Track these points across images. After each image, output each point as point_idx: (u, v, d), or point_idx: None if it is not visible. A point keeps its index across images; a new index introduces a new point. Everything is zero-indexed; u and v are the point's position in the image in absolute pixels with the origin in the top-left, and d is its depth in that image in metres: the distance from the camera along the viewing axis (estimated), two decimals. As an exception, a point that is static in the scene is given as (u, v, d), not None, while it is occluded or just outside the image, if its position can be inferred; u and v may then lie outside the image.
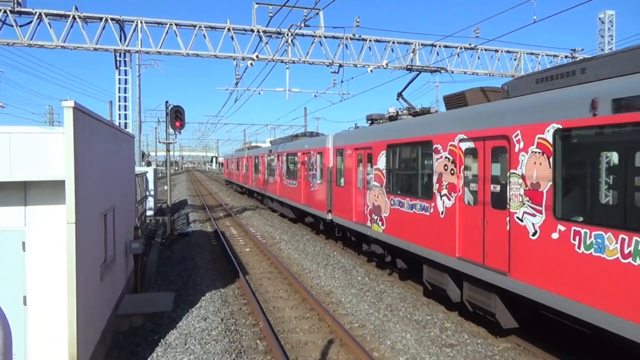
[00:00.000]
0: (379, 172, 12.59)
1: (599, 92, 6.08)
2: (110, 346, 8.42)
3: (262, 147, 35.60)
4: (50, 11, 19.89)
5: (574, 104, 6.42)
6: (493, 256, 7.92)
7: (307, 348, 8.38)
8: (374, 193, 12.87)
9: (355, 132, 15.10)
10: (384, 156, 12.34)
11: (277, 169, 24.92)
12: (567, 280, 6.42)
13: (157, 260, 15.34)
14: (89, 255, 6.89)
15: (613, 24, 27.31)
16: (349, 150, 14.84)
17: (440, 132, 9.71)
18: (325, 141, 17.29)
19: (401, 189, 11.68)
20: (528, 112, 7.26)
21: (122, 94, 22.79)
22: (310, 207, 18.89)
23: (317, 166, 17.96)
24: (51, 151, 6.06)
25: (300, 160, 20.53)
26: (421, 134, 10.52)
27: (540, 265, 6.86)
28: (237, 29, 22.08)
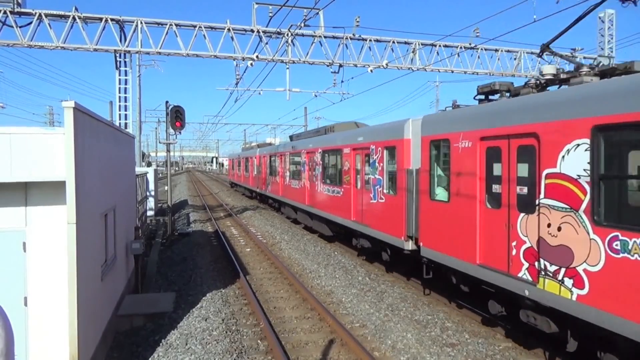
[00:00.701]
0: (564, 180, 6.62)
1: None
2: (111, 346, 8.42)
3: (278, 144, 31.32)
4: (50, 12, 19.89)
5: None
6: None
7: (308, 348, 8.38)
8: (546, 219, 6.96)
9: (487, 108, 8.47)
10: (582, 150, 6.35)
11: (306, 171, 19.94)
12: None
13: (157, 260, 15.34)
14: (90, 255, 6.89)
15: (613, 23, 27.28)
16: (468, 140, 8.75)
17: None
18: (400, 129, 11.63)
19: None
20: None
21: (122, 94, 22.79)
22: (368, 227, 13.36)
23: (384, 167, 12.41)
24: (52, 152, 6.06)
25: (347, 160, 15.14)
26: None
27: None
28: (237, 29, 22.08)
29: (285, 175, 23.78)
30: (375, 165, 12.91)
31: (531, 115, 7.21)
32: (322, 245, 17.90)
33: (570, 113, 6.52)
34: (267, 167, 28.39)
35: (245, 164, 38.26)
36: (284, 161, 24.06)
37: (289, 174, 23.06)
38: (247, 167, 37.04)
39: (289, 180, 22.89)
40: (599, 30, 27.60)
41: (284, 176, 23.95)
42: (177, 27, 21.38)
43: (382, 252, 13.00)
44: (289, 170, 22.95)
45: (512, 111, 7.68)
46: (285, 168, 23.70)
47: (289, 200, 23.14)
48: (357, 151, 14.44)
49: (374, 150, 13.00)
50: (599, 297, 6.06)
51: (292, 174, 22.51)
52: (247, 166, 37.48)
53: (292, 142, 23.29)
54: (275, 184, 25.99)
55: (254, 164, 33.30)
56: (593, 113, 6.16)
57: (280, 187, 24.89)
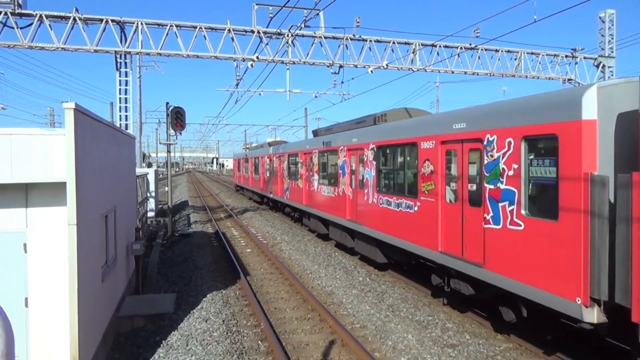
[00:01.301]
0: None
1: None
2: (111, 347, 8.42)
3: (299, 141, 25.21)
4: (50, 13, 19.90)
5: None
6: None
7: (309, 349, 8.38)
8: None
9: None
10: None
11: (347, 175, 15.25)
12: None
13: (158, 261, 15.35)
14: (90, 256, 6.89)
15: (614, 23, 27.27)
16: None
17: None
18: (571, 104, 6.71)
19: None
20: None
21: (123, 95, 22.79)
22: (488, 270, 8.31)
23: (522, 171, 7.60)
24: (52, 153, 6.07)
25: (428, 159, 10.24)
26: None
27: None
28: (238, 30, 22.08)
29: (311, 179, 19.34)
30: (498, 167, 8.04)
31: None
32: (323, 246, 17.89)
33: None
34: (284, 168, 23.78)
35: (255, 165, 33.34)
36: (310, 161, 19.51)
37: (317, 177, 18.58)
38: (257, 168, 32.26)
39: (317, 185, 18.39)
40: (600, 30, 27.59)
41: (310, 180, 19.50)
42: (177, 28, 21.39)
43: (505, 308, 8.27)
44: (317, 172, 18.55)
45: None
46: (312, 170, 19.24)
47: (316, 211, 18.49)
48: (450, 146, 9.52)
49: (496, 143, 8.08)
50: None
51: (322, 178, 18.16)
52: (256, 167, 32.62)
53: (321, 137, 18.58)
54: (297, 189, 21.43)
55: (266, 165, 28.77)
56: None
57: (303, 193, 20.41)
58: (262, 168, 30.39)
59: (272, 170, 27.00)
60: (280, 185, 24.87)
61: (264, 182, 29.47)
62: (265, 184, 29.34)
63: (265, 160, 28.99)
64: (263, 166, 29.96)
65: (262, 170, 30.38)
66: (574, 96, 6.70)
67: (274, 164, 26.46)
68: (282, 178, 24.46)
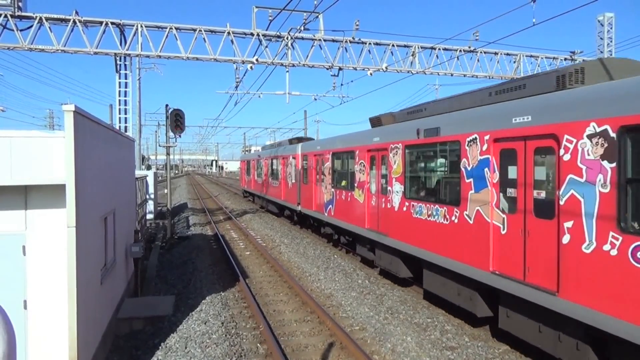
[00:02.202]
0: None
1: None
2: (110, 350, 8.41)
3: (356, 133, 15.42)
4: (50, 15, 19.93)
5: None
6: None
7: (308, 351, 8.38)
8: None
9: None
10: None
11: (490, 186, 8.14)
12: None
13: (157, 263, 15.34)
14: (90, 258, 6.89)
15: (612, 26, 27.36)
16: None
17: None
18: None
19: None
20: None
21: (122, 97, 22.81)
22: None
23: None
24: (52, 155, 6.07)
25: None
26: None
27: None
28: (237, 33, 22.12)
29: (387, 189, 12.08)
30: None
31: None
32: (322, 248, 17.90)
33: None
34: (327, 172, 16.91)
35: (272, 167, 26.95)
36: (390, 161, 11.94)
37: (405, 188, 11.21)
38: (276, 171, 25.97)
39: (405, 202, 11.13)
40: (598, 33, 27.67)
41: (384, 192, 12.31)
42: (177, 31, 21.43)
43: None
44: (403, 181, 11.30)
45: None
46: (392, 176, 11.80)
47: (402, 245, 11.23)
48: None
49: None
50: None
51: (420, 191, 11.05)
52: (274, 170, 26.37)
53: (408, 122, 11.29)
54: (351, 204, 14.42)
55: (290, 168, 22.58)
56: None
57: (366, 210, 13.38)
58: (284, 171, 24.12)
59: (302, 174, 20.74)
60: (317, 195, 18.35)
61: (287, 190, 23.38)
62: (289, 192, 23.04)
63: (290, 161, 22.73)
64: (285, 169, 23.83)
65: (283, 174, 24.14)
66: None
67: (306, 166, 20.07)
68: (320, 186, 17.86)
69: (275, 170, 26.42)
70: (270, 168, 27.77)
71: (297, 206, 21.64)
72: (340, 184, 15.94)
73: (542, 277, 6.89)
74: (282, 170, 24.58)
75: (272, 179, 27.19)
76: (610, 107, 5.87)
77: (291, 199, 22.72)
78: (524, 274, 7.21)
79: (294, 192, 22.17)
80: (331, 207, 16.60)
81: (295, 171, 21.74)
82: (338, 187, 16.05)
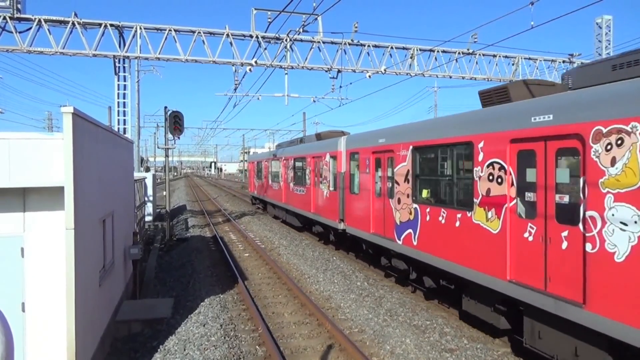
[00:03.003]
0: None
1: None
2: (108, 352, 8.39)
3: (435, 120, 15.16)
4: (49, 17, 19.93)
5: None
6: None
7: (307, 353, 8.36)
8: None
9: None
10: None
11: None
12: None
13: (156, 265, 15.31)
14: (88, 261, 6.88)
15: (610, 28, 27.44)
16: None
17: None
18: None
19: None
20: None
21: (121, 99, 22.80)
22: None
23: None
24: (50, 157, 6.07)
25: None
26: None
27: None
28: (236, 35, 22.14)
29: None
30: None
31: None
32: (321, 250, 17.88)
33: None
34: (410, 178, 11.30)
35: (295, 171, 21.88)
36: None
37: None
38: (303, 176, 20.60)
39: None
40: (596, 35, 27.75)
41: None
42: (176, 33, 21.43)
43: None
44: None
45: None
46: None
47: None
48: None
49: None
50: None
51: None
52: (299, 174, 21.19)
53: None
54: (467, 232, 8.96)
55: (331, 171, 17.13)
56: None
57: (506, 245, 7.85)
58: (314, 175, 18.92)
59: (348, 179, 15.39)
60: (380, 211, 12.86)
61: (322, 200, 18.06)
62: (324, 203, 17.76)
63: (325, 161, 17.51)
64: (317, 172, 18.52)
65: (314, 179, 18.89)
66: None
67: (356, 168, 14.88)
68: (386, 198, 12.53)
69: (300, 173, 20.99)
70: (291, 170, 22.29)
71: (337, 223, 16.08)
72: (434, 198, 10.51)
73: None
74: (311, 174, 19.22)
75: (294, 185, 21.82)
76: None
77: (327, 212, 17.12)
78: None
79: (332, 203, 16.58)
80: (411, 231, 11.10)
81: (336, 175, 16.40)
82: (427, 202, 10.60)
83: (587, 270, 6.21)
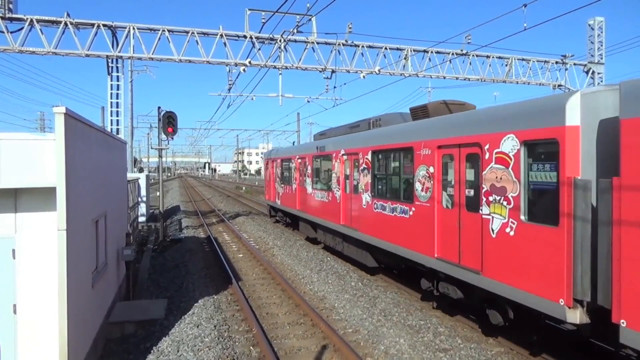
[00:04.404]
0: None
1: None
2: (101, 354, 8.34)
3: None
4: (41, 17, 19.80)
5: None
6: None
7: (301, 354, 8.35)
8: None
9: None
10: None
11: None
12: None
13: (149, 266, 15.24)
14: (80, 262, 6.83)
15: (602, 30, 27.63)
16: None
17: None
18: None
19: None
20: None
21: (114, 99, 22.69)
22: None
23: None
24: (42, 158, 6.02)
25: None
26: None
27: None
28: (230, 35, 22.10)
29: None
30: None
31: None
32: (315, 251, 17.87)
33: None
34: None
35: (378, 173, 12.72)
36: None
37: None
38: (399, 183, 11.61)
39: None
40: (589, 37, 27.94)
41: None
42: (169, 33, 21.36)
43: None
44: None
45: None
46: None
47: None
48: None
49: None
50: None
51: None
52: (393, 179, 12.05)
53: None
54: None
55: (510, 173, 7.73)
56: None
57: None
58: (439, 183, 9.76)
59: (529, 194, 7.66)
60: None
61: (459, 234, 9.04)
62: (465, 237, 8.83)
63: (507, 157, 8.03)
64: (440, 179, 9.78)
65: (440, 187, 9.70)
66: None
67: None
68: None
69: (393, 178, 12.06)
70: (369, 173, 12.88)
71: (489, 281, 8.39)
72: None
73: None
74: (433, 181, 9.88)
75: (379, 197, 12.34)
76: None
77: (467, 256, 8.75)
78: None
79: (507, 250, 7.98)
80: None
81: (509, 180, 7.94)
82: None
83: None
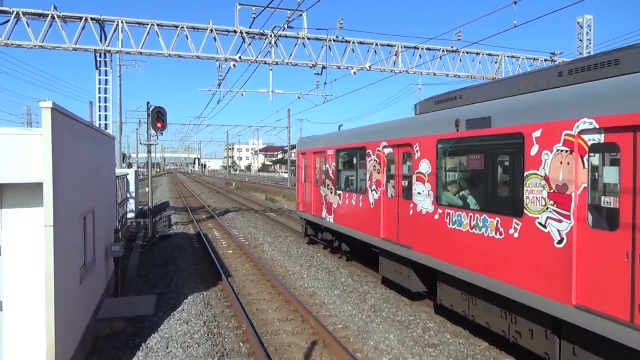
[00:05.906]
0: None
1: None
2: (89, 351, 8.28)
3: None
4: (28, 10, 19.51)
5: None
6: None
7: (291, 350, 8.36)
8: None
9: None
10: None
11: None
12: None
13: (138, 263, 15.14)
14: (68, 258, 6.76)
15: (591, 28, 27.88)
16: None
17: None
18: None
19: None
20: None
21: (103, 94, 22.45)
22: None
23: None
24: (29, 153, 5.93)
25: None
26: None
27: None
28: (220, 30, 21.95)
29: None
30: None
31: None
32: (305, 247, 17.88)
33: None
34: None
35: None
36: None
37: None
38: None
39: None
40: (578, 35, 28.18)
41: None
42: (158, 27, 21.16)
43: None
44: None
45: None
46: None
47: None
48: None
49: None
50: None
51: None
52: None
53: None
54: None
55: None
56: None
57: None
58: None
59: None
60: None
61: None
62: None
63: None
64: None
65: None
66: None
67: None
68: None
69: None
70: None
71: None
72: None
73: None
74: None
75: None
76: None
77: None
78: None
79: None
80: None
81: None
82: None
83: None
